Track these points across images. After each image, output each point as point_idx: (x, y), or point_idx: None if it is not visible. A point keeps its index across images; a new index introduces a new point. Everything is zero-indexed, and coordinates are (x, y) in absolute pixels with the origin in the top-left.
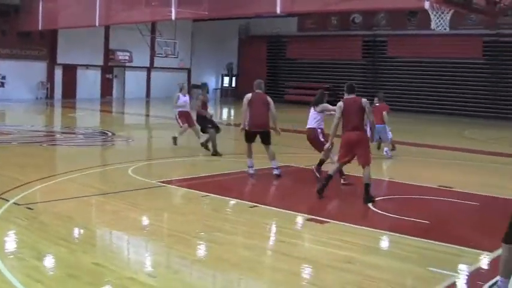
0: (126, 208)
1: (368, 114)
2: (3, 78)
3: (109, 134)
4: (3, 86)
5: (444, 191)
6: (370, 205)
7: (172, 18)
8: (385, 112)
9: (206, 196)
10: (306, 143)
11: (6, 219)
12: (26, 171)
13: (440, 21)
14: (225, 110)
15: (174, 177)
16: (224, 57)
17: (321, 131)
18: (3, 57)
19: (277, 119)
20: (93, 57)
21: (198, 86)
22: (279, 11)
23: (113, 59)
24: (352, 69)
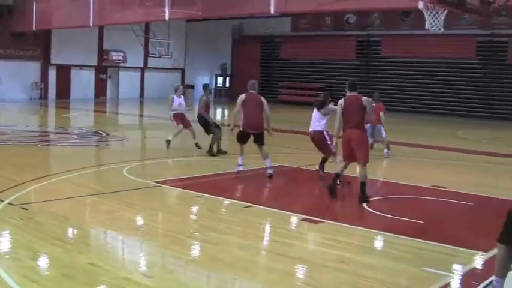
0: (121, 208)
1: (369, 113)
2: None
3: (103, 134)
4: None
5: (438, 191)
6: (364, 205)
7: (166, 18)
8: (381, 112)
9: (201, 196)
10: (298, 142)
11: (1, 220)
12: (21, 171)
13: (434, 21)
14: (219, 110)
15: (169, 177)
16: (218, 57)
17: (327, 133)
18: None
19: (270, 119)
20: (87, 58)
21: (192, 87)
22: (272, 11)
23: (106, 59)
24: (345, 69)
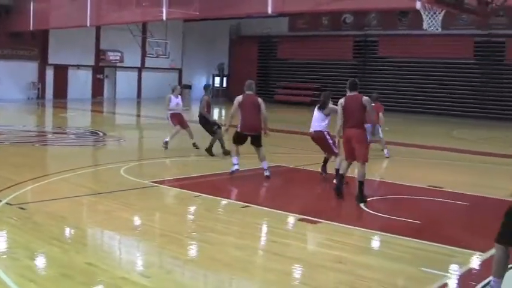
0: (119, 208)
1: (369, 113)
2: None
3: (100, 134)
4: None
5: (435, 191)
6: (362, 205)
7: (164, 18)
8: (381, 113)
9: (198, 196)
10: (295, 142)
11: None
12: (19, 171)
13: (432, 21)
14: (216, 110)
15: (166, 177)
16: (215, 57)
17: (327, 133)
18: None
19: (267, 120)
20: (84, 58)
21: (189, 87)
22: (270, 11)
23: (104, 59)
24: (343, 69)
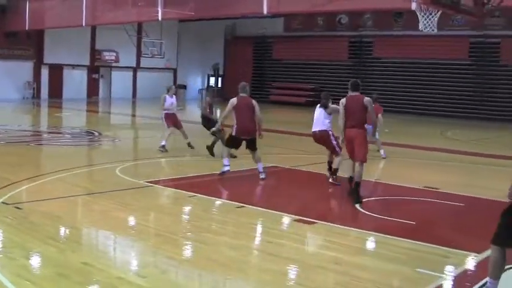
0: (115, 208)
1: (370, 113)
2: None
3: (96, 134)
4: None
5: (430, 191)
6: (357, 206)
7: (159, 18)
8: (380, 114)
9: (193, 196)
10: (290, 143)
11: None
12: (14, 171)
13: (428, 22)
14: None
15: (162, 177)
16: (210, 57)
17: (331, 133)
18: None
19: (262, 122)
20: (80, 57)
21: (184, 87)
22: (265, 12)
23: (99, 59)
24: (338, 70)
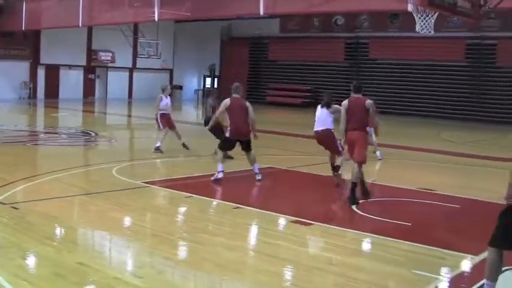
0: (111, 208)
1: (372, 116)
2: None
3: (92, 134)
4: None
5: (427, 193)
6: (354, 207)
7: (155, 19)
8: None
9: (190, 197)
10: (287, 144)
11: None
12: (11, 171)
13: (425, 23)
14: (204, 111)
15: (158, 177)
16: (206, 58)
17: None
18: None
19: (256, 123)
20: (76, 58)
21: (180, 87)
22: (262, 12)
23: (95, 59)
24: (334, 71)
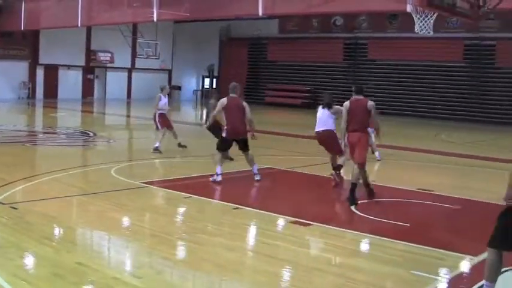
0: (110, 208)
1: (373, 117)
2: None
3: (91, 134)
4: None
5: (424, 194)
6: (353, 208)
7: (154, 19)
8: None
9: (189, 197)
10: (285, 144)
11: None
12: (10, 171)
13: (424, 24)
14: (205, 112)
15: (157, 178)
16: (205, 58)
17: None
18: None
19: (253, 123)
20: (75, 58)
21: (179, 87)
22: (261, 13)
23: (94, 59)
24: (333, 72)
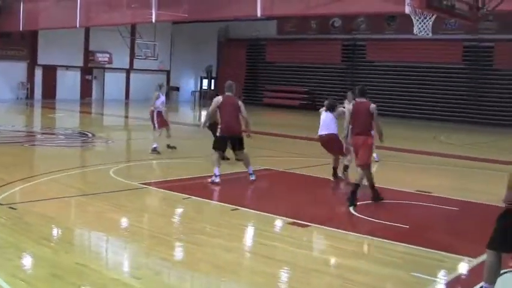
0: (109, 209)
1: (376, 120)
2: None
3: (89, 135)
4: None
5: (424, 196)
6: (351, 209)
7: (153, 20)
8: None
9: (187, 198)
10: (284, 146)
11: None
12: (8, 171)
13: (422, 26)
14: (203, 113)
15: (155, 179)
16: (203, 59)
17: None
18: None
19: (249, 122)
20: (73, 58)
21: (177, 88)
22: (259, 14)
23: (92, 60)
24: (331, 73)
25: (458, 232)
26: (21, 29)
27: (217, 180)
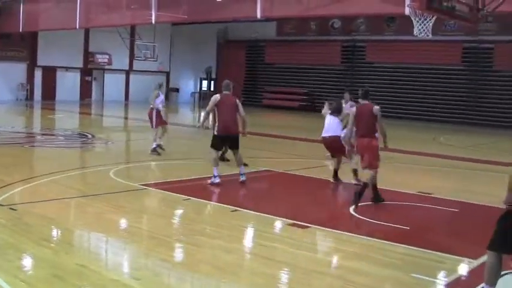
0: (109, 210)
1: (379, 121)
2: None
3: (89, 136)
4: None
5: (425, 197)
6: (351, 211)
7: (153, 21)
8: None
9: (187, 199)
10: (283, 147)
11: None
12: (8, 172)
13: (422, 27)
14: (203, 114)
15: (155, 180)
16: (203, 60)
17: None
18: None
19: (247, 122)
20: (73, 60)
21: (177, 90)
22: (259, 16)
23: (92, 61)
24: (331, 74)
25: (459, 233)
26: (21, 30)
27: (217, 180)
